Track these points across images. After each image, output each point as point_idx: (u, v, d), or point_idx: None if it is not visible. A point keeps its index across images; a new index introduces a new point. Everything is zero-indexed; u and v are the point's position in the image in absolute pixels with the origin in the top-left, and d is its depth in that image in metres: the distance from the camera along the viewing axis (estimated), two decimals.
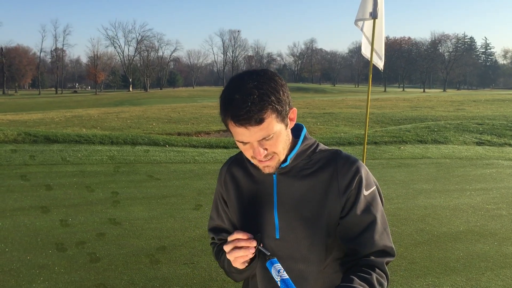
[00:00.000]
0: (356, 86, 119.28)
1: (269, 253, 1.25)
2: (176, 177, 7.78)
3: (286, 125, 1.24)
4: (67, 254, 4.32)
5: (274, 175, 1.33)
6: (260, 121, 1.15)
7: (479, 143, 12.11)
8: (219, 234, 1.50)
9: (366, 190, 1.28)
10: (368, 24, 5.58)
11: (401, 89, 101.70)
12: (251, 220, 1.37)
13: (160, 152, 9.86)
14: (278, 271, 1.20)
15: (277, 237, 1.32)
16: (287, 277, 1.18)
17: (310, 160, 1.33)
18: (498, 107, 26.35)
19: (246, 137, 1.19)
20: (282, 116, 1.20)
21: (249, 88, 1.15)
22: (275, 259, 1.25)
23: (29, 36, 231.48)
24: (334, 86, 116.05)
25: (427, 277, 3.91)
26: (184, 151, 10.06)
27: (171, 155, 9.63)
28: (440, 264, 4.19)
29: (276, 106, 1.17)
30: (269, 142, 1.21)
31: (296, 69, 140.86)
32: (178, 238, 4.83)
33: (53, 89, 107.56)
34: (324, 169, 1.30)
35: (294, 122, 1.30)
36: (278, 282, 1.19)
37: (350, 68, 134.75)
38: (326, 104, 33.52)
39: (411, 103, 32.12)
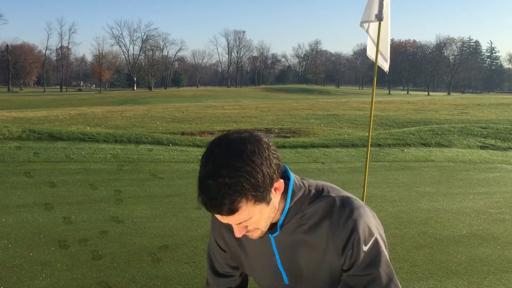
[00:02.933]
0: (360, 88, 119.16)
1: None
2: (179, 176, 7.80)
3: (269, 202, 1.15)
4: (70, 251, 4.34)
5: (270, 235, 1.30)
6: (232, 212, 1.09)
7: (483, 147, 12.06)
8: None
9: (365, 245, 1.23)
10: (374, 26, 5.58)
11: (406, 92, 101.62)
12: (257, 268, 1.39)
13: (164, 151, 9.88)
14: None
15: (287, 283, 1.35)
16: None
17: (304, 214, 1.26)
18: (503, 111, 26.24)
19: (222, 220, 1.15)
20: (262, 197, 1.12)
21: (223, 175, 1.06)
22: None
23: (35, 33, 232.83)
24: (338, 88, 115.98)
25: (429, 280, 3.91)
26: (188, 151, 10.07)
27: (174, 154, 9.65)
28: (442, 267, 4.18)
29: (252, 194, 1.09)
30: (248, 222, 1.16)
31: (300, 70, 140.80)
32: (180, 237, 4.84)
33: (58, 87, 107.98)
34: (319, 226, 1.25)
35: (281, 191, 1.19)
36: None
37: (355, 70, 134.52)
38: (330, 105, 33.49)
39: (415, 106, 32.04)
